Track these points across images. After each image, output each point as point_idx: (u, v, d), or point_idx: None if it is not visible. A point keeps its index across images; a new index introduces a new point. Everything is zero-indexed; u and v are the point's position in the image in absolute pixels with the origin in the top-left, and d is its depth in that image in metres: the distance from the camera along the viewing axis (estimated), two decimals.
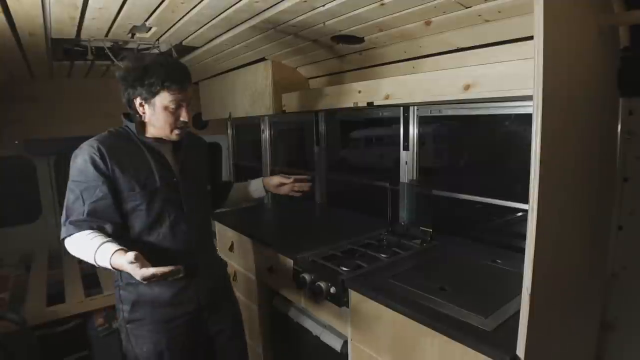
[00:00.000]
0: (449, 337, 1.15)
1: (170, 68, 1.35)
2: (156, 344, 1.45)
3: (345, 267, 1.65)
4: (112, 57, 1.98)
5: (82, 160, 1.31)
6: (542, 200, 0.90)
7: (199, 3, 1.48)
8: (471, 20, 1.49)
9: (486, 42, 1.60)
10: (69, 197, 1.31)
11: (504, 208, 1.83)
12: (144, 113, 1.38)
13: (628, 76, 1.25)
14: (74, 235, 1.27)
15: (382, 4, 1.44)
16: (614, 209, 1.38)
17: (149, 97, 1.35)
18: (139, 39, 1.92)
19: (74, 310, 2.13)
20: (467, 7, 1.40)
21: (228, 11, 1.56)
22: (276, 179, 1.83)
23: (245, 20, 1.71)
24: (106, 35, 1.83)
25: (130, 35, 1.85)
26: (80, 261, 2.59)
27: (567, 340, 1.23)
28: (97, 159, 1.31)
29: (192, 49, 2.17)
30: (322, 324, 1.84)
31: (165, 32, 1.83)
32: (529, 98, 1.49)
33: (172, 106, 1.36)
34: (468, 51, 1.69)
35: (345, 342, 1.66)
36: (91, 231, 1.27)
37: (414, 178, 2.22)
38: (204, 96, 3.37)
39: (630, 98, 1.30)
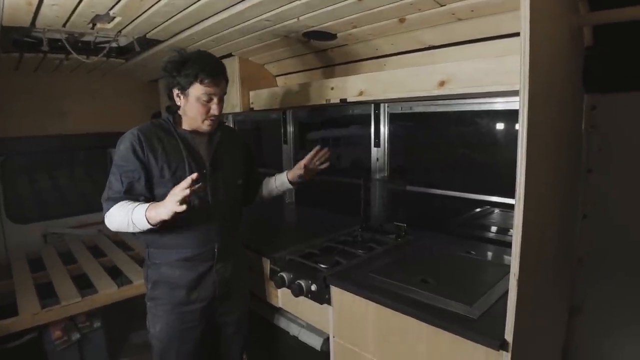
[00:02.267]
0: (437, 326, 1.17)
1: (205, 61, 1.44)
2: (169, 325, 1.53)
3: (323, 264, 1.64)
4: (70, 49, 1.84)
5: (124, 147, 1.43)
6: (528, 191, 0.93)
7: None
8: (445, 18, 1.53)
9: (457, 41, 1.65)
10: (111, 179, 1.43)
11: (472, 201, 1.90)
12: (180, 103, 1.48)
13: (592, 73, 1.34)
14: (111, 209, 1.39)
15: (360, 0, 1.44)
16: (580, 199, 1.47)
17: (184, 87, 1.44)
18: (99, 29, 1.80)
19: (28, 324, 1.94)
20: (442, 5, 1.43)
21: (200, 2, 1.50)
22: (299, 165, 1.76)
23: (217, 13, 1.65)
24: (64, 25, 1.70)
25: (90, 25, 1.73)
26: (33, 270, 2.46)
27: (545, 323, 1.29)
28: (137, 146, 1.42)
29: (156, 42, 2.07)
30: (300, 323, 1.82)
31: (130, 23, 1.73)
32: (501, 94, 1.57)
33: (204, 98, 1.44)
34: (438, 49, 1.74)
35: (326, 340, 1.65)
36: (126, 201, 1.38)
37: (386, 174, 2.25)
38: (164, 93, 3.22)
39: (593, 94, 1.40)
